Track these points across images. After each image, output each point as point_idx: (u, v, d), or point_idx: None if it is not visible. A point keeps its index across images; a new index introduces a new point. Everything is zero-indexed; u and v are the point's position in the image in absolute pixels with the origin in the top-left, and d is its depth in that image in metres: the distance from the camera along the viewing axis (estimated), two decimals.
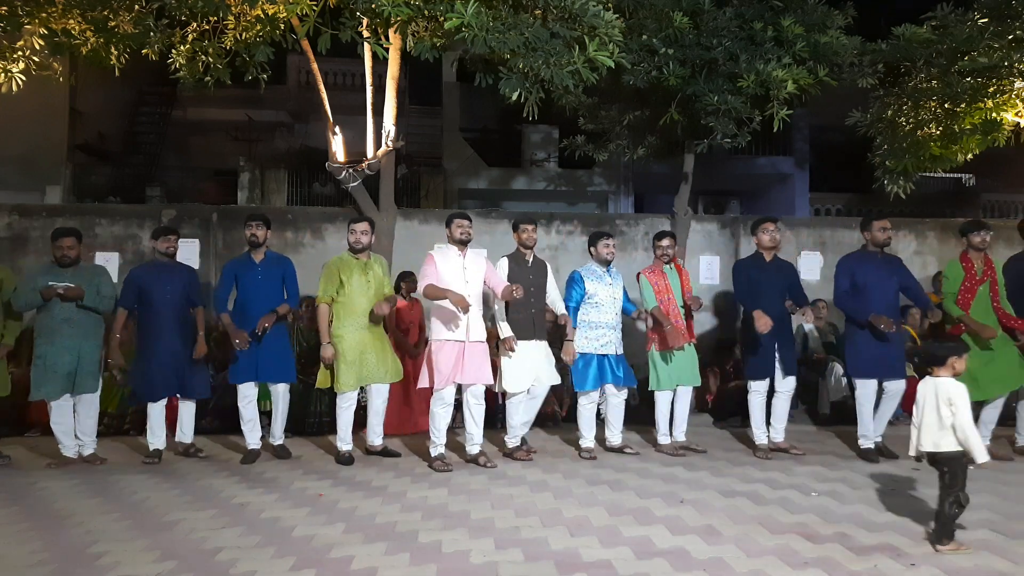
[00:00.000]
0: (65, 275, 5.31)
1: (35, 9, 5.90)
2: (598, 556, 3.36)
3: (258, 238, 5.63)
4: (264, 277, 5.61)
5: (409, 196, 13.41)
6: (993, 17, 7.42)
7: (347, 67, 14.52)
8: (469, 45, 5.06)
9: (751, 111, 7.19)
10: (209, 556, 3.40)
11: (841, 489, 4.57)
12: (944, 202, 14.17)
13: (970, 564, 3.27)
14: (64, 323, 5.28)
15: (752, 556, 3.36)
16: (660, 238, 5.85)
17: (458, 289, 5.13)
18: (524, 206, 14.13)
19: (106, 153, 14.46)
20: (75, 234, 5.46)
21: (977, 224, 5.72)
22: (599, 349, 5.56)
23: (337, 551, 3.46)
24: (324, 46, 5.78)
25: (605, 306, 5.62)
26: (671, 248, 5.80)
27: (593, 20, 5.21)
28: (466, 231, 5.35)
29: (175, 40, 6.56)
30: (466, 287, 5.20)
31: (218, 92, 7.03)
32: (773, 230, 5.72)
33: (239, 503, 4.29)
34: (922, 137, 7.90)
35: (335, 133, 7.44)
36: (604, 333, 5.58)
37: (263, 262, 5.65)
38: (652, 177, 13.35)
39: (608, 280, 5.69)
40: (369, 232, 5.55)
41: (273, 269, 5.67)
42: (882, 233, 5.56)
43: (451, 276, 5.22)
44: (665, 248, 5.77)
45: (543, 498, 4.37)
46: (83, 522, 3.92)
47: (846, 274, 5.58)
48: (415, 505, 4.24)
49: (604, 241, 5.74)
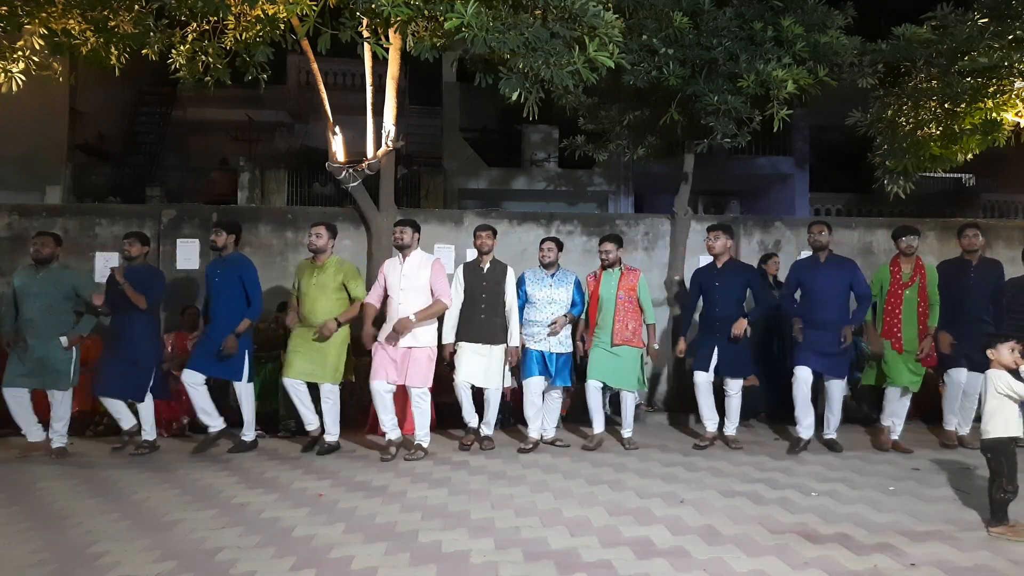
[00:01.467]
0: (39, 273, 5.65)
1: (35, 9, 5.90)
2: (598, 556, 3.36)
3: (216, 243, 5.78)
4: (221, 279, 5.72)
5: (409, 196, 13.41)
6: (993, 17, 7.41)
7: (347, 67, 14.52)
8: (469, 45, 5.06)
9: (751, 111, 7.18)
10: (209, 556, 3.40)
11: (841, 489, 4.57)
12: (944, 202, 14.17)
13: (970, 564, 3.28)
14: (27, 322, 5.57)
15: (752, 556, 3.36)
16: (601, 242, 5.99)
17: (393, 295, 5.47)
18: (524, 206, 14.12)
19: (106, 153, 14.46)
20: (52, 235, 5.80)
21: (906, 229, 5.88)
22: (535, 345, 5.81)
23: (337, 551, 3.46)
24: (324, 46, 5.78)
25: (540, 306, 5.85)
26: (611, 253, 5.87)
27: (593, 20, 5.21)
28: (399, 239, 5.52)
29: (175, 40, 6.56)
30: (400, 294, 5.44)
31: (218, 92, 7.03)
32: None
33: (239, 503, 4.29)
34: (922, 137, 7.89)
35: (335, 133, 7.44)
36: (539, 331, 5.82)
37: (221, 262, 5.80)
38: (652, 177, 13.35)
39: (548, 283, 5.88)
40: (324, 235, 5.69)
41: (230, 271, 5.73)
42: (813, 237, 5.83)
43: (392, 282, 5.54)
44: (606, 252, 5.89)
45: (543, 498, 4.37)
46: (83, 522, 3.92)
47: (793, 279, 5.96)
48: (415, 505, 4.24)
49: (542, 246, 5.96)
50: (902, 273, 5.76)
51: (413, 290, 5.45)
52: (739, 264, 6.11)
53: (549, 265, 5.91)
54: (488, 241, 5.81)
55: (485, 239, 5.80)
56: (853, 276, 5.74)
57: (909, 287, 5.70)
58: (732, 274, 5.92)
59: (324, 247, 5.69)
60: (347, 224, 7.98)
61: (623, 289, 5.82)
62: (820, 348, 5.65)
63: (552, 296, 5.85)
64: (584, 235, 8.17)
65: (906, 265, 5.77)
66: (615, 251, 5.91)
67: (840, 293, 5.72)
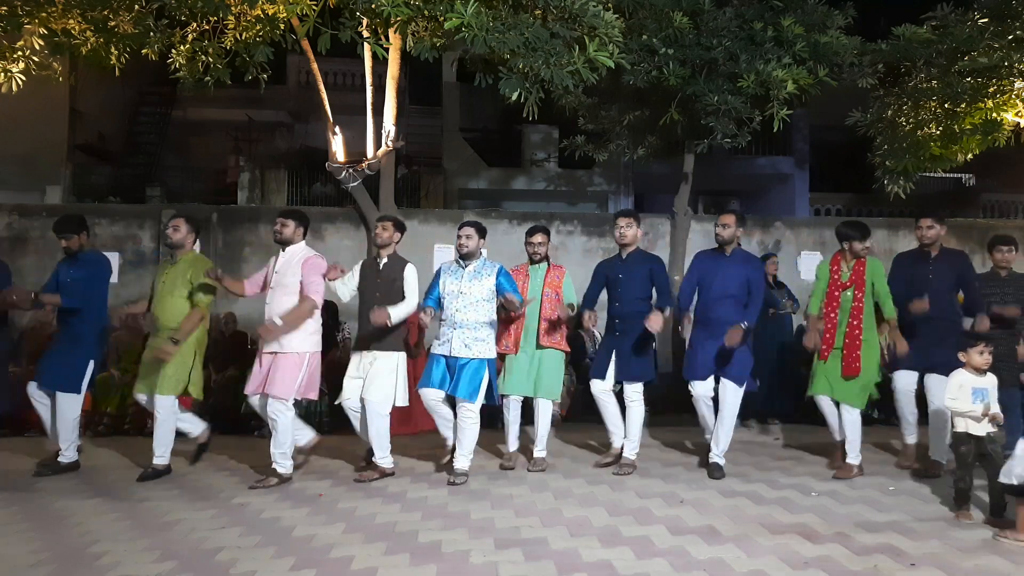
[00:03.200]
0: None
1: (35, 9, 5.90)
2: (598, 556, 3.36)
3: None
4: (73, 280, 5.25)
5: (409, 196, 13.40)
6: (993, 17, 7.42)
7: (347, 67, 14.50)
8: (469, 45, 5.06)
9: (751, 111, 7.19)
10: (209, 556, 3.40)
11: (841, 489, 4.56)
12: (944, 202, 14.15)
13: (970, 564, 3.27)
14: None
15: (752, 556, 3.36)
16: (531, 234, 5.38)
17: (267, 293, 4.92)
18: (524, 206, 14.11)
19: (106, 153, 14.45)
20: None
21: (849, 227, 5.17)
22: (438, 348, 4.96)
23: (337, 551, 3.46)
24: (324, 46, 5.78)
25: (447, 301, 4.97)
26: (541, 246, 5.33)
27: (593, 20, 5.21)
28: (278, 231, 4.94)
29: (175, 40, 6.56)
30: (269, 292, 4.91)
31: (218, 92, 7.04)
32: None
33: (239, 503, 4.29)
34: (922, 137, 7.90)
35: (335, 133, 7.45)
36: (444, 332, 4.96)
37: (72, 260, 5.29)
38: (652, 177, 13.34)
39: (460, 275, 4.98)
40: (180, 228, 5.10)
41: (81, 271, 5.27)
42: (719, 229, 5.10)
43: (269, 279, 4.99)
44: (536, 246, 5.33)
45: (543, 498, 4.37)
46: (83, 522, 3.92)
47: (690, 274, 5.29)
48: (415, 505, 4.24)
49: (459, 232, 5.06)
50: (841, 273, 5.08)
51: (282, 289, 4.85)
52: (645, 255, 5.31)
53: (466, 255, 4.98)
54: (383, 234, 5.06)
55: (380, 231, 5.08)
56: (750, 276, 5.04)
57: (847, 288, 5.02)
58: (636, 266, 5.16)
59: (180, 242, 5.11)
60: (347, 224, 7.99)
61: (549, 286, 5.25)
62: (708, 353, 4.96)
63: (461, 289, 4.91)
64: (584, 235, 8.18)
65: (846, 265, 5.08)
66: (547, 244, 5.38)
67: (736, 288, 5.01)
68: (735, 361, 4.92)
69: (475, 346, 4.87)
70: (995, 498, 3.90)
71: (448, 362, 4.89)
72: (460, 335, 4.88)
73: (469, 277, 4.96)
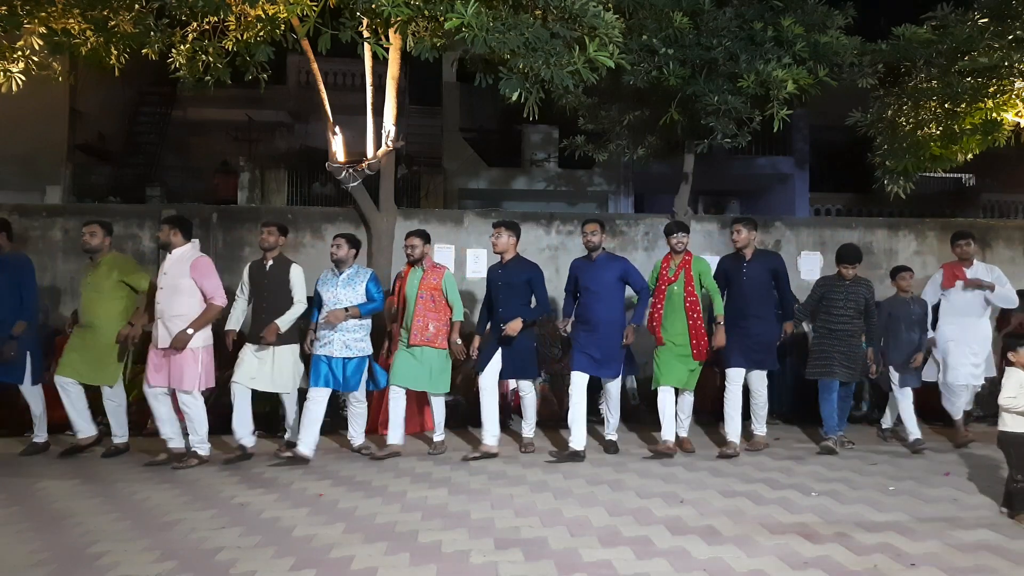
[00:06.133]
0: None
1: (35, 9, 5.90)
2: (598, 556, 3.36)
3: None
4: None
5: (409, 196, 13.41)
6: (993, 17, 7.41)
7: (347, 67, 14.51)
8: (469, 45, 5.06)
9: (751, 111, 7.19)
10: (209, 556, 3.40)
11: (841, 489, 4.57)
12: (944, 202, 14.17)
13: (970, 564, 3.28)
14: None
15: (752, 556, 3.36)
16: (408, 236, 5.65)
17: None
18: (524, 206, 14.12)
19: (106, 153, 14.45)
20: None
21: (675, 226, 5.73)
22: (318, 350, 5.43)
23: (337, 551, 3.46)
24: (324, 46, 5.77)
25: (326, 308, 5.43)
26: (416, 248, 5.56)
27: (593, 20, 5.21)
28: (161, 236, 5.34)
29: (175, 40, 6.55)
30: (159, 292, 5.25)
31: (218, 92, 7.03)
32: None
33: (239, 503, 4.29)
34: (922, 137, 7.89)
35: (335, 133, 7.45)
36: (324, 334, 5.43)
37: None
38: (652, 177, 13.35)
39: (335, 283, 5.47)
40: (98, 233, 5.42)
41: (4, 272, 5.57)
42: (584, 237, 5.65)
43: None
44: (412, 247, 5.58)
45: (543, 498, 4.37)
46: (83, 522, 3.92)
47: (570, 277, 5.81)
48: (415, 505, 4.24)
49: (332, 242, 5.58)
50: (668, 269, 5.63)
51: (171, 290, 5.20)
52: (524, 262, 5.69)
53: (338, 263, 5.49)
54: (268, 238, 5.44)
55: (267, 235, 5.44)
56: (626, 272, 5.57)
57: (674, 283, 5.56)
58: (516, 272, 5.59)
59: (98, 247, 5.43)
60: (347, 224, 7.98)
61: (424, 288, 5.50)
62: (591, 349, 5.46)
63: (338, 297, 5.41)
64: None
65: (673, 261, 5.63)
66: (421, 246, 5.59)
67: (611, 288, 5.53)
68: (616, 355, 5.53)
69: (354, 346, 5.44)
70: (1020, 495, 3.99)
71: (331, 362, 5.38)
72: (338, 336, 5.40)
73: (343, 285, 5.46)
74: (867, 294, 5.81)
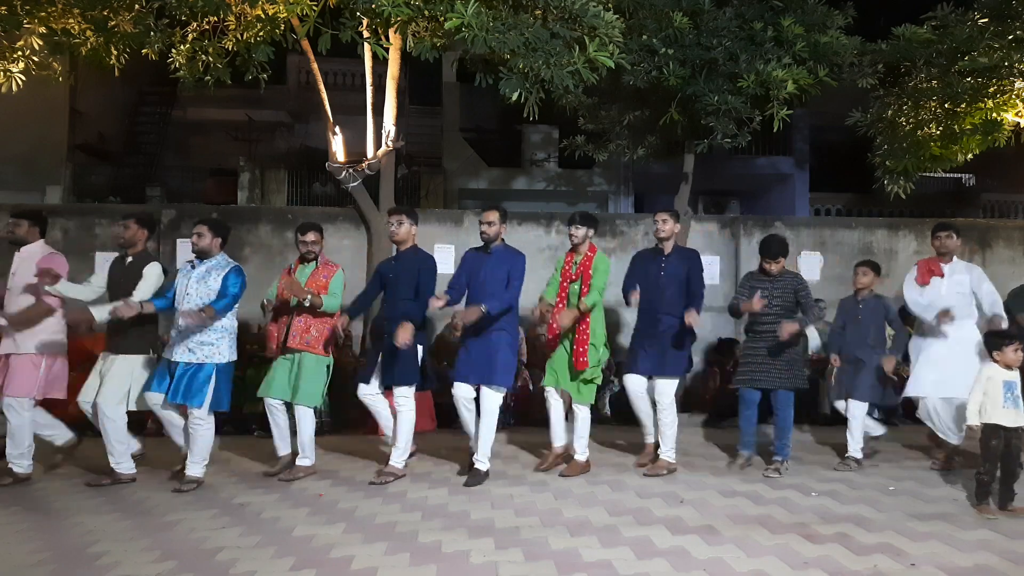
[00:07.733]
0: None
1: (35, 9, 5.91)
2: (598, 556, 3.36)
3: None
4: None
5: (409, 196, 13.40)
6: (993, 17, 7.42)
7: (347, 67, 14.49)
8: (469, 45, 5.07)
9: (751, 111, 7.19)
10: (209, 556, 3.40)
11: (841, 489, 4.57)
12: (944, 202, 14.16)
13: (970, 564, 3.27)
14: None
15: (752, 556, 3.36)
16: (302, 232, 5.10)
17: None
18: (524, 206, 14.10)
19: (106, 153, 14.45)
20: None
21: (576, 217, 5.15)
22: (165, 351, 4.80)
23: (337, 551, 3.46)
24: (324, 46, 5.78)
25: (179, 304, 4.73)
26: (315, 244, 5.05)
27: (593, 20, 5.22)
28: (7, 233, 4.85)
29: (175, 40, 6.56)
30: (8, 293, 4.84)
31: (218, 92, 7.03)
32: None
33: (239, 503, 4.29)
34: (922, 137, 7.90)
35: (335, 133, 7.45)
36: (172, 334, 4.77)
37: None
38: (652, 177, 13.35)
39: (191, 275, 4.77)
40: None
41: None
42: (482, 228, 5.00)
43: None
44: (309, 244, 5.04)
45: (543, 498, 4.37)
46: (83, 522, 3.92)
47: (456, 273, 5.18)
48: (415, 505, 4.24)
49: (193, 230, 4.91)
50: (571, 267, 5.05)
51: (18, 291, 4.78)
52: (419, 253, 5.01)
53: (200, 253, 4.79)
54: (126, 232, 4.94)
55: (123, 231, 4.97)
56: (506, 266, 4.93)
57: (575, 281, 4.97)
58: (406, 266, 4.94)
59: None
60: (347, 224, 7.99)
61: (312, 286, 4.93)
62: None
63: (188, 290, 4.69)
64: None
65: (574, 259, 5.06)
66: (320, 243, 5.10)
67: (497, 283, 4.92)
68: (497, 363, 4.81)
69: (199, 350, 4.62)
70: (1009, 490, 4.06)
71: (170, 366, 4.65)
72: (180, 338, 4.66)
73: (198, 278, 4.73)
74: (796, 286, 5.20)
